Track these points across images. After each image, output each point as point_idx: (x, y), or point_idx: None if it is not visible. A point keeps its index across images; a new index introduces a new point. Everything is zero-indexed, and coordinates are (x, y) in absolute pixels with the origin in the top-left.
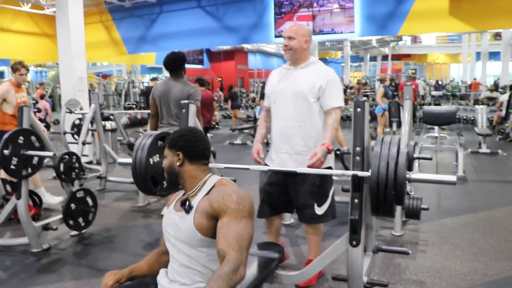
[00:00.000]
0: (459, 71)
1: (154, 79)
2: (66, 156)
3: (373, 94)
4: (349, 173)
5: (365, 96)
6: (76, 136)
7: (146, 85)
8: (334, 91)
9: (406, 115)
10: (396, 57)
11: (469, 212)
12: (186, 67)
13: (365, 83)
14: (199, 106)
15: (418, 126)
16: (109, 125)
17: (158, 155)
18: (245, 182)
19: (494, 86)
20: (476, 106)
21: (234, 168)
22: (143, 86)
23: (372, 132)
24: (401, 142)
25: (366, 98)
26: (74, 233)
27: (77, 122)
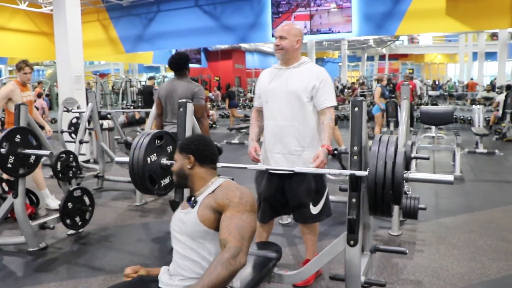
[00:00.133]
0: (456, 71)
1: (151, 78)
2: (63, 154)
3: (370, 93)
4: (346, 172)
5: (362, 96)
6: (73, 135)
7: (143, 84)
8: (327, 91)
9: (404, 115)
10: (393, 57)
11: (466, 211)
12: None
13: (362, 83)
14: (203, 104)
15: (416, 126)
16: (106, 124)
17: (155, 154)
18: (242, 181)
19: (491, 86)
20: (473, 106)
21: (232, 167)
22: (141, 85)
23: (369, 132)
24: (398, 141)
25: (363, 98)
26: (71, 232)
27: (74, 120)
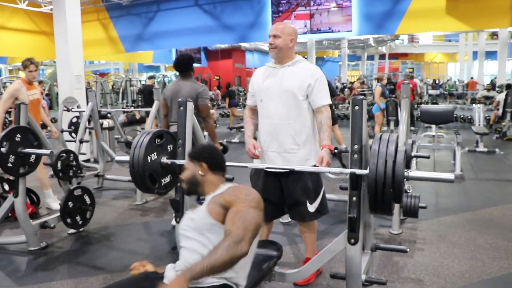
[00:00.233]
0: (456, 70)
1: (151, 77)
2: (64, 154)
3: (370, 93)
4: (347, 171)
5: (362, 94)
6: (73, 134)
7: (143, 83)
8: (322, 89)
9: (404, 114)
10: (393, 56)
11: (466, 210)
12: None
13: (362, 82)
14: (208, 104)
15: (416, 124)
16: (106, 123)
17: (156, 153)
18: (243, 180)
19: (491, 85)
20: (473, 105)
21: (232, 166)
22: (141, 85)
23: (369, 131)
24: (399, 140)
25: (364, 96)
26: (72, 231)
27: (74, 120)
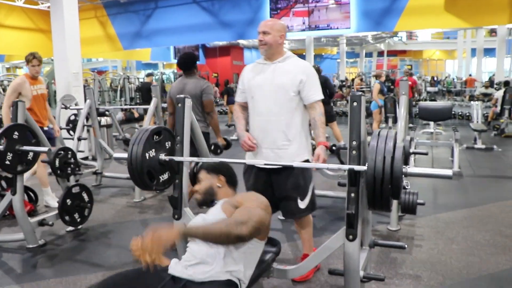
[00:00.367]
0: (455, 67)
1: (149, 75)
2: (62, 151)
3: (369, 90)
4: (345, 167)
5: (360, 91)
6: (71, 131)
7: (141, 81)
8: (314, 85)
9: (402, 111)
10: (391, 53)
11: (464, 207)
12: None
13: (361, 79)
14: (212, 99)
15: (414, 121)
16: (104, 120)
17: (154, 150)
18: (239, 178)
19: (489, 82)
20: (471, 102)
21: (230, 162)
22: (139, 82)
23: (368, 128)
24: (397, 136)
25: (362, 93)
26: (70, 228)
27: (72, 117)
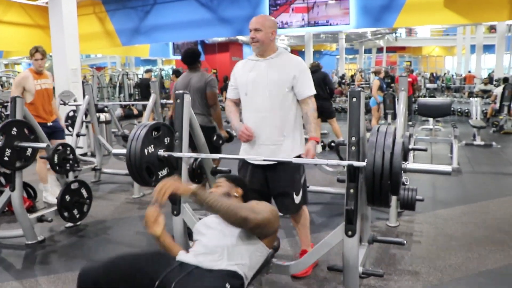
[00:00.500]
0: (454, 64)
1: (148, 71)
2: (60, 147)
3: (368, 86)
4: (344, 163)
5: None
6: (70, 128)
7: (140, 77)
8: (307, 80)
9: (402, 107)
10: (391, 49)
11: (463, 203)
12: (180, 59)
13: (361, 75)
14: (216, 92)
15: (413, 118)
16: (103, 117)
17: (152, 146)
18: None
19: (489, 79)
20: (470, 99)
21: (229, 158)
22: (138, 78)
23: (367, 124)
24: (396, 132)
25: (361, 89)
26: (69, 225)
27: (71, 114)
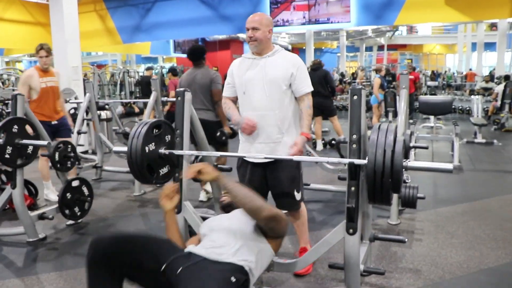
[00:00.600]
0: (455, 62)
1: (149, 69)
2: (61, 145)
3: (368, 84)
4: (345, 161)
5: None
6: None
7: (141, 74)
8: (304, 77)
9: (403, 104)
10: (392, 47)
11: (464, 201)
12: (181, 56)
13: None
14: (221, 89)
15: (414, 116)
16: (104, 114)
17: (153, 143)
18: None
19: (490, 77)
20: (471, 97)
21: (231, 156)
22: (138, 76)
23: (368, 122)
24: (397, 130)
25: (362, 86)
26: (70, 222)
27: (72, 111)
